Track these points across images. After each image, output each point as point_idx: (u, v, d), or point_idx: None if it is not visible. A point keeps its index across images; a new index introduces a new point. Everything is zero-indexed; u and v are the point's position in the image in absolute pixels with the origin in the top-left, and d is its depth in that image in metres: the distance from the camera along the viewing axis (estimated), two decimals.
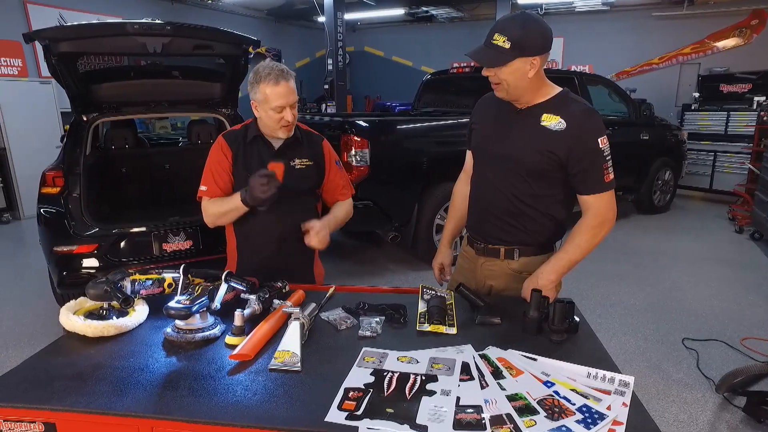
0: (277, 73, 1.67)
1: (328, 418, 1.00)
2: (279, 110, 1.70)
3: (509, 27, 1.43)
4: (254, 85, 1.72)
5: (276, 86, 1.67)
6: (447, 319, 1.42)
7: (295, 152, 1.87)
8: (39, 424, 1.07)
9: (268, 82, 1.67)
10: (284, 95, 1.68)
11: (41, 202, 3.10)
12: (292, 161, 1.85)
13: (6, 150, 6.11)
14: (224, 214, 1.80)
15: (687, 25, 9.55)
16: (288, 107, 1.70)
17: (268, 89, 1.68)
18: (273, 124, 1.75)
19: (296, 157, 1.87)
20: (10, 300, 3.82)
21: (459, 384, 1.10)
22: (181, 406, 1.07)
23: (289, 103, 1.70)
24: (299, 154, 1.87)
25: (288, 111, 1.71)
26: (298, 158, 1.87)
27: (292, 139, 1.85)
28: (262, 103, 1.72)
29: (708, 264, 4.58)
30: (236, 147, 1.84)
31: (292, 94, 1.70)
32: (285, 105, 1.69)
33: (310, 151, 1.91)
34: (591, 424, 0.97)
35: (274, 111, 1.71)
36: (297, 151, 1.87)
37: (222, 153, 1.83)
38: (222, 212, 1.80)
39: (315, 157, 1.91)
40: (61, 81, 3.10)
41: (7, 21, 6.68)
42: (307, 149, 1.91)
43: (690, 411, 2.45)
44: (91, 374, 1.20)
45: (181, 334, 1.34)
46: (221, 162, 1.83)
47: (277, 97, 1.68)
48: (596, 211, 1.52)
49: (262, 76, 1.68)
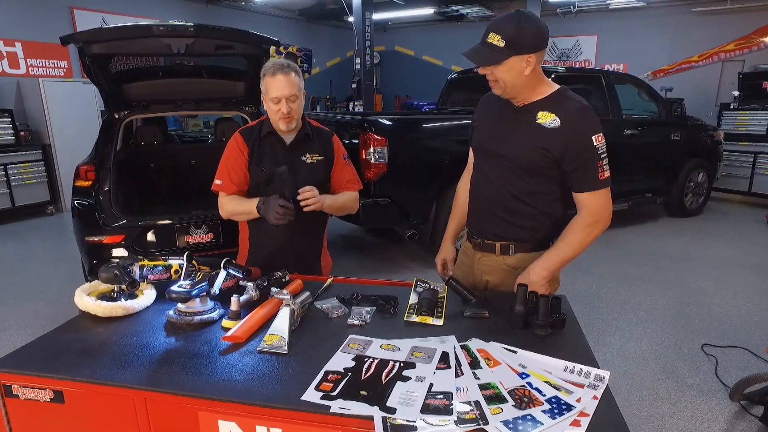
0: (278, 66, 1.76)
1: (304, 397, 1.05)
2: (276, 101, 1.78)
3: (503, 26, 1.45)
4: (262, 80, 1.82)
5: (273, 77, 1.76)
6: (435, 311, 1.45)
7: (306, 147, 1.96)
8: (49, 391, 1.17)
9: (268, 74, 1.77)
10: (280, 87, 1.75)
11: (75, 194, 3.30)
12: (303, 156, 1.94)
13: (51, 146, 6.48)
14: (238, 213, 1.92)
15: (730, 20, 9.14)
16: (284, 99, 1.77)
17: (267, 81, 1.78)
18: (273, 115, 1.83)
19: (307, 152, 1.95)
20: (50, 286, 4.07)
21: (435, 372, 1.14)
22: (172, 380, 1.15)
23: (285, 96, 1.77)
24: (310, 149, 1.96)
25: (284, 102, 1.77)
26: (309, 153, 1.96)
27: (302, 135, 1.93)
28: (264, 95, 1.82)
29: (738, 270, 4.40)
30: (252, 143, 1.91)
31: (289, 86, 1.76)
32: (281, 97, 1.77)
33: (321, 147, 1.99)
34: (557, 414, 0.99)
35: (272, 102, 1.79)
36: (308, 146, 1.96)
37: (239, 149, 1.91)
38: (237, 212, 1.91)
39: (325, 152, 1.99)
40: (94, 80, 3.29)
41: (56, 25, 7.07)
42: (318, 144, 1.98)
43: (702, 418, 2.38)
44: (97, 350, 1.30)
45: (181, 317, 1.42)
46: (238, 158, 1.90)
47: (274, 87, 1.76)
48: (590, 209, 1.52)
49: (266, 69, 1.79)
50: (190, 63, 3.84)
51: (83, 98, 6.76)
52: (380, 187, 3.92)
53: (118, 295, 1.54)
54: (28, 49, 6.79)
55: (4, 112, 6.07)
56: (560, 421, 0.97)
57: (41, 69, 6.96)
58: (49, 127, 6.43)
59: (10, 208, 6.10)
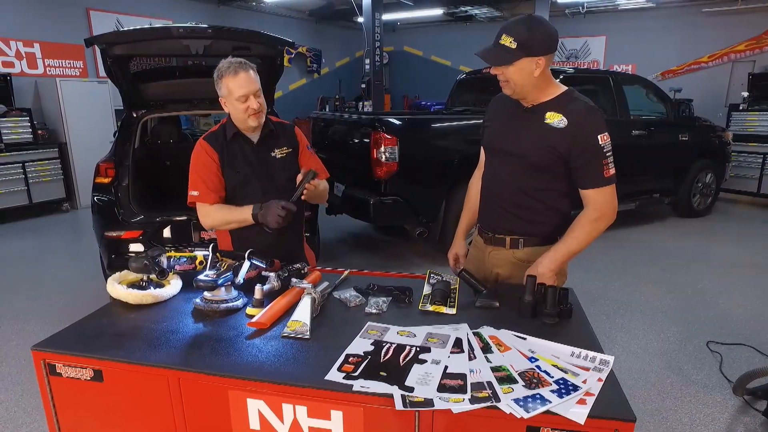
0: (236, 65, 1.75)
1: (328, 377, 1.13)
2: (243, 99, 1.76)
3: (516, 28, 1.52)
4: (218, 82, 1.78)
5: (236, 77, 1.74)
6: (448, 301, 1.53)
7: (274, 143, 1.96)
8: (89, 370, 1.26)
9: (229, 75, 1.74)
10: (245, 84, 1.76)
11: (95, 190, 3.41)
12: (272, 152, 1.94)
13: (67, 144, 6.62)
14: (230, 222, 1.87)
15: (740, 21, 9.12)
16: (251, 95, 1.77)
17: (230, 82, 1.75)
18: (241, 114, 1.80)
19: (275, 147, 1.95)
20: (68, 281, 4.19)
21: (449, 356, 1.21)
22: (203, 362, 1.24)
23: (252, 92, 1.77)
24: (277, 144, 1.96)
25: (252, 99, 1.77)
26: (278, 148, 1.96)
27: (267, 132, 1.94)
28: (227, 97, 1.78)
29: (745, 270, 4.42)
30: (219, 147, 1.88)
31: (252, 83, 1.77)
32: (248, 93, 1.76)
33: (286, 140, 2.00)
34: (564, 393, 1.06)
35: (239, 101, 1.77)
36: (275, 142, 1.96)
37: (208, 156, 1.86)
38: (228, 221, 1.86)
39: (291, 144, 2.01)
40: (114, 80, 3.40)
41: (72, 26, 7.24)
42: (283, 138, 1.99)
43: (706, 411, 2.44)
44: (131, 333, 1.39)
45: (208, 304, 1.51)
46: (208, 165, 1.86)
47: (239, 87, 1.75)
48: (596, 205, 1.59)
49: (223, 71, 1.76)
50: (203, 63, 3.93)
51: (98, 97, 6.90)
52: (391, 186, 4.00)
53: (147, 284, 1.63)
54: (46, 50, 6.95)
55: (23, 111, 6.21)
56: (567, 399, 1.04)
57: (58, 69, 7.11)
58: (65, 126, 6.57)
59: (27, 204, 6.24)
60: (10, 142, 6.03)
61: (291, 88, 11.28)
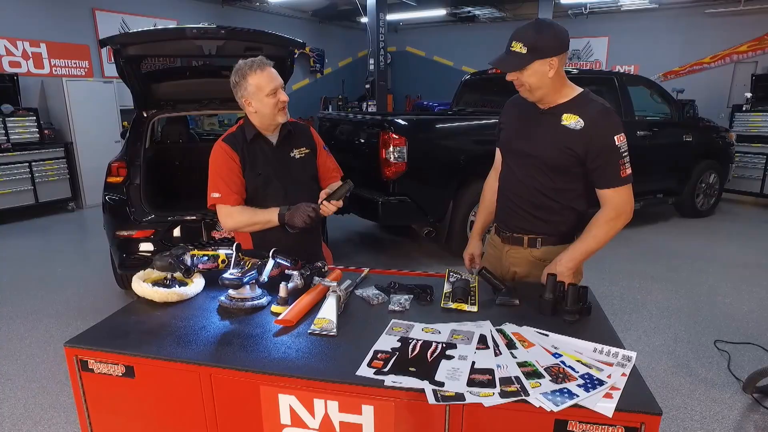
0: (259, 62, 1.78)
1: (359, 373, 1.16)
2: (273, 94, 1.78)
3: (524, 34, 1.56)
4: (242, 82, 1.79)
5: (263, 72, 1.77)
6: (469, 299, 1.55)
7: (292, 144, 1.97)
8: (121, 366, 1.29)
9: (255, 72, 1.76)
10: (274, 78, 1.79)
11: (106, 190, 3.43)
12: (291, 152, 1.96)
13: (73, 144, 6.64)
14: (254, 224, 1.87)
15: (743, 22, 9.15)
16: (280, 89, 1.80)
17: (258, 79, 1.76)
18: (271, 110, 1.80)
19: (294, 147, 1.97)
20: (76, 280, 4.21)
21: (475, 352, 1.24)
22: (235, 358, 1.26)
23: (280, 85, 1.80)
24: (296, 144, 1.97)
25: (281, 92, 1.80)
26: (296, 148, 1.97)
27: (286, 133, 1.95)
28: (255, 94, 1.78)
29: (750, 270, 4.45)
30: (240, 149, 1.88)
31: (278, 77, 1.81)
32: (277, 87, 1.78)
33: (304, 140, 2.01)
34: (591, 388, 1.09)
35: (269, 97, 1.77)
36: (293, 142, 1.97)
37: (229, 158, 1.86)
38: (252, 223, 1.86)
39: (309, 145, 2.02)
40: (126, 80, 3.42)
41: (78, 26, 7.27)
42: (301, 138, 2.01)
43: (716, 409, 2.47)
44: (159, 331, 1.41)
45: (233, 302, 1.54)
46: (231, 167, 1.86)
47: (269, 81, 1.77)
48: (613, 204, 1.61)
49: (246, 69, 1.78)
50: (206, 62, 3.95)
51: (104, 97, 6.93)
52: (399, 186, 4.03)
53: (171, 282, 1.65)
54: (52, 50, 6.97)
55: (30, 111, 6.24)
56: (594, 393, 1.07)
57: (64, 69, 7.13)
58: (71, 126, 6.60)
59: (33, 204, 6.27)
60: (16, 141, 6.06)
61: (294, 88, 11.31)
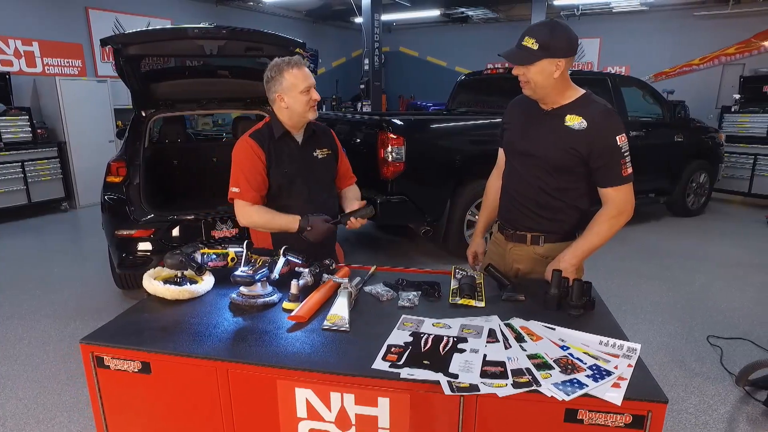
0: (294, 60, 1.82)
1: (374, 366, 1.19)
2: (307, 91, 1.82)
3: (538, 31, 1.61)
4: (277, 77, 1.81)
5: (300, 70, 1.81)
6: (476, 295, 1.59)
7: (316, 144, 2.00)
8: (137, 362, 1.30)
9: (291, 69, 1.80)
10: (308, 76, 1.83)
11: (106, 189, 3.43)
12: (314, 152, 1.99)
13: (66, 144, 6.59)
14: (270, 227, 1.90)
15: (731, 24, 9.31)
16: (312, 87, 1.84)
17: (293, 75, 1.80)
18: (303, 107, 1.83)
19: (317, 148, 1.99)
20: (72, 280, 4.19)
21: (486, 345, 1.28)
22: (251, 353, 1.29)
23: (313, 84, 1.84)
24: (319, 144, 2.01)
25: (314, 90, 1.84)
26: (319, 149, 2.00)
27: (310, 133, 1.99)
28: (289, 90, 1.81)
29: (741, 268, 4.55)
30: (266, 147, 1.89)
31: (311, 76, 1.84)
32: (310, 85, 1.83)
33: (326, 141, 2.04)
34: (599, 378, 1.13)
35: (302, 94, 1.81)
36: (316, 142, 2.00)
37: (255, 155, 1.87)
38: (269, 226, 1.89)
39: (330, 145, 2.06)
40: (125, 80, 3.42)
41: (71, 25, 7.21)
42: (323, 139, 2.04)
43: (709, 402, 2.53)
44: (173, 327, 1.43)
45: (245, 299, 1.56)
46: (255, 164, 1.87)
47: (304, 78, 1.81)
48: (615, 202, 1.67)
49: (283, 66, 1.81)
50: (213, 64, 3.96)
51: (97, 96, 6.89)
52: (397, 185, 4.06)
53: (182, 280, 1.67)
54: (45, 49, 6.91)
55: (22, 110, 6.19)
56: (603, 383, 1.11)
57: (57, 68, 7.07)
58: (64, 125, 6.54)
59: (26, 204, 6.21)
60: (9, 141, 6.00)
61: None
